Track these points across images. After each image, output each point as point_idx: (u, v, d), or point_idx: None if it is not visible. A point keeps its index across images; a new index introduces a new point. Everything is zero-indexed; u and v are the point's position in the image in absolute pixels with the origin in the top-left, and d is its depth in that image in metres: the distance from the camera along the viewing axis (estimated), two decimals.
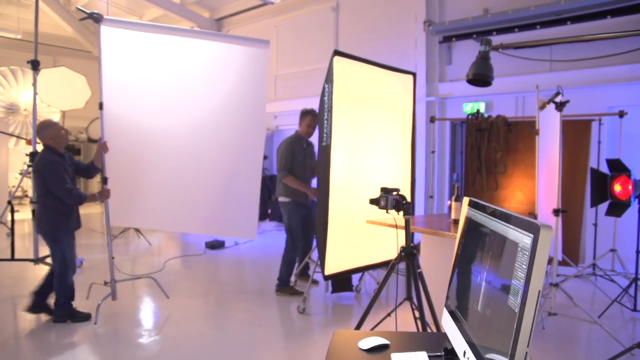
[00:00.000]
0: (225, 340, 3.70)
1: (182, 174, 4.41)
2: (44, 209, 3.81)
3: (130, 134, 4.24)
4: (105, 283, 4.18)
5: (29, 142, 7.99)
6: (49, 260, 5.12)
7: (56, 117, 8.39)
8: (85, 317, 3.96)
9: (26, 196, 11.61)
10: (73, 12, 11.85)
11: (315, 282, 5.03)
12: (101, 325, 3.91)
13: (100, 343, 3.58)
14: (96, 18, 3.91)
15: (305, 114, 4.94)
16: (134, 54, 4.16)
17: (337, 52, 3.90)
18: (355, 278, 5.10)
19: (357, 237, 4.22)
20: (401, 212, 2.87)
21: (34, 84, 4.91)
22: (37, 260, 5.17)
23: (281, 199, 4.94)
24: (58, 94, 7.65)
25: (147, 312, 4.36)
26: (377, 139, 4.49)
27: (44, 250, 5.29)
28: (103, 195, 4.01)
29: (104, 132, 4.08)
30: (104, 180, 4.04)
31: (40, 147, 3.98)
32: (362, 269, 4.42)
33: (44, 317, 4.00)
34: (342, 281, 4.73)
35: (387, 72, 4.55)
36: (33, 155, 4.98)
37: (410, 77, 4.81)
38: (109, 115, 4.11)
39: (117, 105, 4.15)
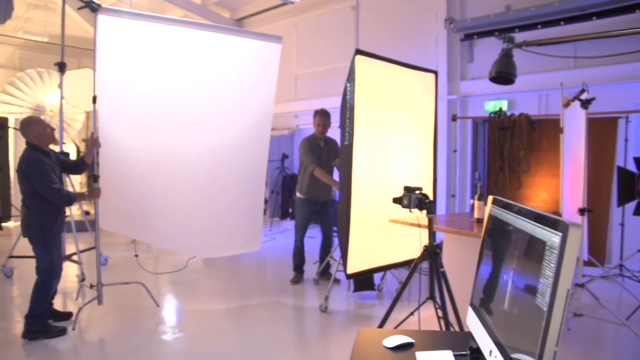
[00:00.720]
0: (247, 338, 3.73)
1: (184, 183, 4.17)
2: (31, 212, 3.53)
3: (126, 135, 4.04)
4: (92, 286, 4.02)
5: (55, 143, 8.16)
6: (75, 257, 5.23)
7: (80, 118, 8.57)
8: (60, 332, 3.65)
9: None
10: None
11: (337, 280, 5.04)
12: (118, 323, 3.98)
13: (121, 338, 3.64)
14: (94, 7, 3.75)
15: (315, 113, 5.16)
16: (134, 47, 3.91)
17: (358, 51, 3.89)
18: (377, 277, 5.09)
19: (379, 236, 4.21)
20: (424, 211, 2.86)
21: (60, 86, 5.01)
22: (64, 257, 5.27)
23: (296, 195, 5.20)
24: (82, 95, 7.77)
25: (169, 309, 4.43)
26: (398, 138, 4.46)
27: (70, 248, 5.41)
28: (93, 194, 3.81)
29: (96, 127, 3.89)
30: (94, 179, 3.84)
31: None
32: (384, 268, 4.41)
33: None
34: (364, 280, 4.73)
35: (409, 70, 4.51)
36: (60, 154, 5.08)
37: (432, 75, 4.78)
38: (104, 111, 3.91)
39: (113, 102, 3.92)
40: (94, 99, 3.78)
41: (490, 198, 1.70)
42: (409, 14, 8.00)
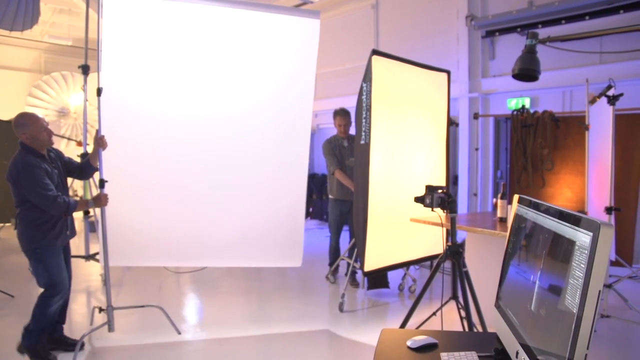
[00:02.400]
0: (268, 338, 3.74)
1: (210, 189, 3.70)
2: (22, 222, 3.08)
3: (137, 134, 3.52)
4: (101, 310, 3.40)
5: (79, 144, 8.33)
6: (98, 257, 5.32)
7: None
8: None
9: (76, 195, 12.09)
10: None
11: (354, 284, 5.02)
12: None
13: (143, 328, 3.68)
14: None
15: (335, 114, 5.17)
16: (146, 31, 3.40)
17: (375, 52, 3.91)
18: (398, 276, 5.07)
19: (394, 234, 4.25)
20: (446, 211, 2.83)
21: (84, 88, 5.10)
22: (88, 257, 5.37)
23: (328, 195, 5.29)
24: None
25: (191, 309, 4.47)
26: (414, 137, 4.48)
27: (94, 247, 5.50)
28: (99, 202, 3.22)
29: (101, 124, 3.32)
30: (101, 183, 3.25)
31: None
32: (400, 266, 4.47)
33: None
34: (378, 278, 4.76)
35: (423, 70, 4.56)
36: (84, 156, 5.17)
37: (445, 75, 4.81)
38: (110, 104, 3.37)
39: (121, 95, 3.42)
40: (99, 92, 3.28)
41: (515, 197, 1.67)
42: (429, 12, 7.92)
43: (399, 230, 4.25)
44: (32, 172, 2.96)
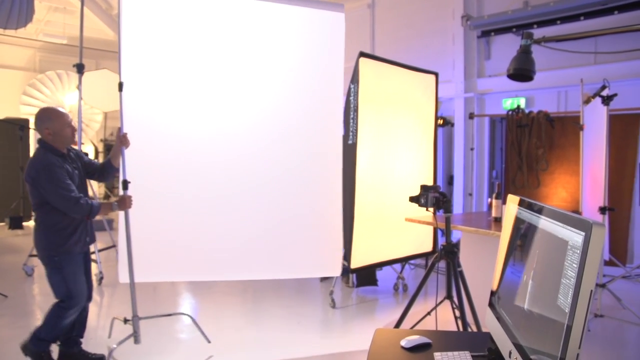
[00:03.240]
0: (263, 336, 3.73)
1: (239, 194, 3.37)
2: (40, 226, 2.88)
3: (160, 131, 3.21)
4: (126, 321, 3.10)
5: (74, 144, 8.29)
6: (94, 257, 5.29)
7: (99, 118, 8.67)
8: None
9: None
10: (114, 17, 12.20)
11: (349, 283, 5.03)
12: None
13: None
14: None
15: None
16: (167, 22, 3.14)
17: (362, 54, 4.00)
18: (393, 276, 5.08)
19: (381, 232, 4.34)
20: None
21: (79, 87, 5.07)
22: None
23: None
24: (100, 96, 7.91)
25: (186, 309, 4.46)
26: (401, 138, 4.59)
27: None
28: (123, 205, 2.97)
29: (123, 121, 3.05)
30: (124, 185, 3.01)
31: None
32: (387, 263, 4.58)
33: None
34: (366, 276, 4.82)
35: (411, 72, 4.66)
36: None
37: (433, 77, 4.91)
38: (133, 101, 3.08)
39: (142, 90, 3.13)
40: (121, 86, 3.00)
41: (509, 197, 1.67)
42: (425, 12, 7.93)
43: (386, 228, 4.37)
44: (53, 172, 2.76)
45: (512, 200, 1.63)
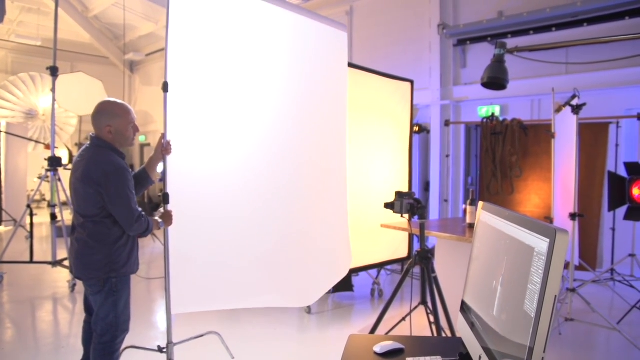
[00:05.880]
0: (239, 343, 3.71)
1: (277, 210, 3.12)
2: (93, 242, 2.41)
3: (201, 141, 2.81)
4: (161, 350, 2.83)
5: (47, 147, 8.13)
6: (66, 263, 5.19)
7: (73, 122, 8.53)
8: None
9: (44, 199, 11.80)
10: (90, 19, 12.05)
11: None
12: None
13: None
14: None
15: None
16: (210, 23, 2.79)
17: None
18: (369, 282, 5.11)
19: (357, 238, 4.37)
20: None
21: (53, 90, 4.99)
22: (55, 263, 5.24)
23: None
24: (75, 99, 7.79)
25: (161, 316, 4.40)
26: (376, 144, 4.66)
27: (62, 253, 5.37)
28: (168, 221, 2.63)
29: (167, 126, 2.63)
30: (165, 198, 2.64)
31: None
32: (363, 269, 4.63)
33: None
34: (342, 281, 4.81)
35: (387, 79, 4.74)
36: (52, 159, 5.05)
37: (408, 84, 4.99)
38: (174, 106, 2.67)
39: (184, 94, 2.71)
40: (165, 87, 2.60)
41: (480, 204, 1.71)
42: (402, 20, 8.03)
43: (362, 234, 4.42)
44: (125, 177, 2.38)
45: (483, 207, 1.67)
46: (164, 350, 2.82)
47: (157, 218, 2.59)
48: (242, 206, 2.95)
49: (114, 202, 2.35)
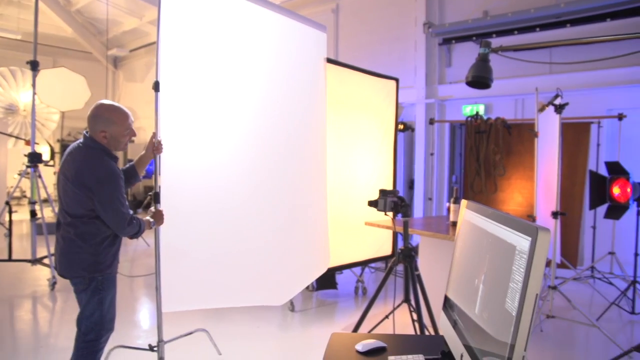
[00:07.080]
0: (223, 340, 3.69)
1: (264, 207, 3.16)
2: (80, 241, 2.38)
3: (191, 140, 2.81)
4: (152, 348, 2.84)
5: (27, 143, 7.99)
6: (46, 261, 5.11)
7: (55, 118, 8.39)
8: None
9: (24, 197, 11.60)
10: (73, 13, 11.85)
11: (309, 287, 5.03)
12: None
13: None
14: None
15: None
16: (201, 23, 2.79)
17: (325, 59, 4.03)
18: (353, 279, 5.11)
19: (341, 235, 4.38)
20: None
21: (33, 85, 4.90)
22: (35, 261, 5.16)
23: None
24: (57, 95, 7.65)
25: (144, 314, 4.36)
26: (361, 142, 4.65)
27: (42, 251, 5.28)
28: (159, 220, 2.62)
29: (159, 125, 2.62)
30: (156, 197, 2.63)
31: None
32: (347, 266, 4.61)
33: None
34: (326, 279, 4.82)
35: (372, 77, 4.73)
36: (32, 156, 4.96)
37: (394, 82, 4.99)
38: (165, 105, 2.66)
39: (175, 94, 2.70)
40: (157, 86, 2.58)
41: (463, 202, 1.71)
42: (388, 18, 8.04)
43: (346, 231, 4.41)
44: (117, 184, 2.35)
45: (466, 205, 1.67)
46: (155, 348, 2.81)
47: (148, 218, 2.58)
48: (224, 204, 2.95)
49: (105, 208, 2.33)
